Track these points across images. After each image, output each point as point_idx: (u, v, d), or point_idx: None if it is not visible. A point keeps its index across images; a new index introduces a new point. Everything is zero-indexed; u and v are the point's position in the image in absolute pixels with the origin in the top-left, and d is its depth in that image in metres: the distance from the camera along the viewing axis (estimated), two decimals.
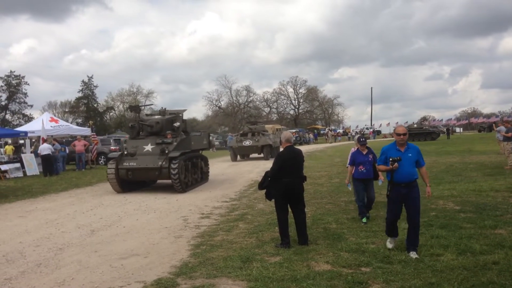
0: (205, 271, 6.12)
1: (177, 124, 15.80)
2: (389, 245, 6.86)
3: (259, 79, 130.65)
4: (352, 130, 73.88)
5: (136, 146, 14.93)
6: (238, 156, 30.41)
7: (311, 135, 61.38)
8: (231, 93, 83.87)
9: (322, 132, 73.66)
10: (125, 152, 15.03)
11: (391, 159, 6.42)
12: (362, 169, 9.00)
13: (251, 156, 31.79)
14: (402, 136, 6.54)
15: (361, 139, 9.30)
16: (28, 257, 7.27)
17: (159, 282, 5.79)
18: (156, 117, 16.33)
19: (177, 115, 16.53)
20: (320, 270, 5.94)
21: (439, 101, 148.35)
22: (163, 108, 16.99)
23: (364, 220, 8.77)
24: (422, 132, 50.09)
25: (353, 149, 9.41)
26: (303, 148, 33.98)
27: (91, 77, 70.50)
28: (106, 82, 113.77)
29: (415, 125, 55.76)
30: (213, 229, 8.88)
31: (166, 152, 14.45)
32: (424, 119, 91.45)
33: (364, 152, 9.11)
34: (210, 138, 40.32)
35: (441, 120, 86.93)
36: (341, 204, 10.94)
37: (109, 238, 8.48)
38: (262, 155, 29.86)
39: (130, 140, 15.67)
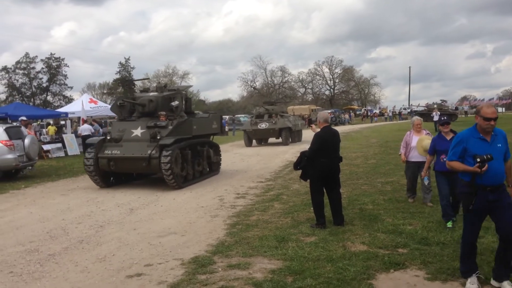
0: (241, 250, 6.19)
1: (175, 103, 12.54)
2: (472, 286, 4.68)
3: (295, 60, 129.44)
4: (389, 110, 72.50)
5: (123, 130, 12.08)
6: (254, 141, 26.80)
7: (346, 116, 60.65)
8: (266, 74, 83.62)
9: (358, 112, 72.66)
10: (108, 137, 12.13)
11: (478, 159, 4.50)
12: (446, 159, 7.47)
13: (269, 141, 27.93)
14: (492, 122, 4.60)
15: (443, 118, 7.60)
16: (71, 234, 7.53)
17: (196, 259, 5.89)
18: (151, 94, 13.09)
19: (177, 92, 13.44)
20: (356, 251, 5.92)
21: (480, 80, 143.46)
22: (161, 82, 13.90)
23: (449, 224, 6.88)
24: (443, 113, 48.87)
25: (408, 133, 8.75)
26: (339, 129, 33.60)
27: (128, 59, 71.46)
28: (143, 64, 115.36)
29: (435, 106, 54.04)
30: (249, 209, 8.95)
31: (158, 138, 11.50)
32: (465, 98, 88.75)
33: (449, 138, 7.20)
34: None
35: (483, 99, 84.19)
36: (378, 185, 10.82)
37: (147, 217, 8.68)
38: (280, 139, 25.91)
39: (116, 122, 12.99)
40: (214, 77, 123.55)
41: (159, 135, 11.53)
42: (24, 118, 18.91)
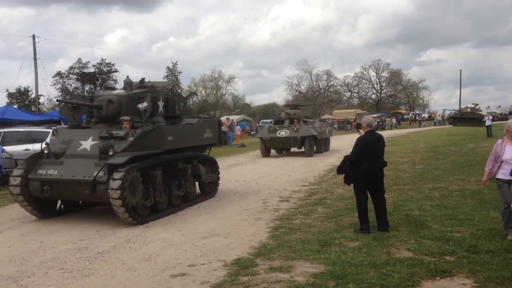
0: (283, 253, 6.20)
1: (142, 105, 9.19)
2: None
3: (341, 64, 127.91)
4: (439, 115, 70.53)
5: (69, 141, 8.87)
6: (272, 151, 22.37)
7: (393, 120, 59.45)
8: (311, 78, 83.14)
9: (405, 117, 71.09)
10: (46, 151, 8.75)
11: None
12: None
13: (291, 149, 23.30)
14: None
15: None
16: (119, 233, 7.76)
17: (238, 261, 5.95)
18: (114, 92, 9.83)
19: (149, 90, 9.80)
20: (401, 257, 5.81)
21: None
22: (129, 78, 10.10)
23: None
24: (475, 117, 47.10)
25: (500, 141, 6.72)
26: (385, 134, 33.07)
27: (175, 64, 72.90)
28: (191, 68, 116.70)
29: (468, 109, 51.98)
30: (292, 212, 8.94)
31: (111, 153, 8.30)
32: None
33: None
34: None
35: None
36: (425, 191, 10.55)
37: (191, 218, 8.83)
38: (303, 149, 21.63)
39: (63, 130, 9.70)
40: (260, 81, 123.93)
41: (112, 150, 8.31)
42: None
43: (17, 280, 5.60)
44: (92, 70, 67.31)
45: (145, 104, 9.23)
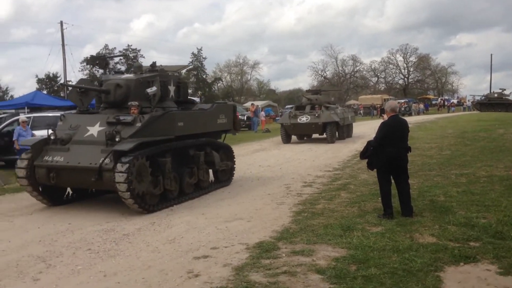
0: (306, 237, 6.22)
1: (151, 89, 8.90)
2: None
3: (368, 49, 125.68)
4: (468, 100, 69.00)
5: (76, 127, 8.69)
6: (293, 137, 22.09)
7: (421, 105, 58.41)
8: (337, 63, 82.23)
9: (434, 102, 69.77)
10: (52, 137, 8.59)
11: None
12: None
13: (313, 136, 22.98)
14: None
15: None
16: (144, 216, 7.90)
17: (260, 245, 6.00)
18: (123, 76, 9.57)
19: (159, 74, 9.53)
20: (424, 243, 5.76)
21: None
22: (139, 62, 9.41)
23: None
24: (503, 102, 45.71)
25: None
26: (412, 119, 32.57)
27: (200, 49, 73.00)
28: (216, 54, 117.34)
29: (495, 95, 50.41)
30: (315, 197, 8.94)
31: (117, 140, 8.05)
32: None
33: None
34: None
35: None
36: (451, 177, 10.38)
37: (215, 203, 8.92)
38: (324, 135, 21.35)
39: (71, 115, 9.47)
40: (285, 67, 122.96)
41: (118, 136, 8.06)
42: None
43: (46, 260, 5.78)
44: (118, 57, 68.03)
45: (154, 88, 8.93)
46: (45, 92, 47.37)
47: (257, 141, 23.04)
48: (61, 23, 40.24)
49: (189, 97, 11.22)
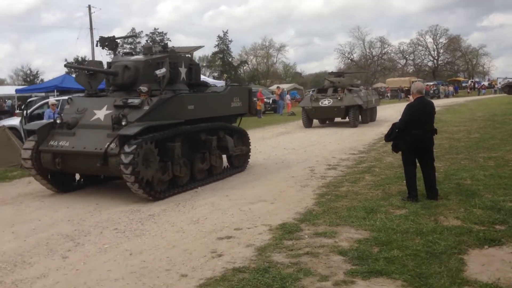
0: (328, 219, 6.24)
1: (160, 71, 8.47)
2: None
3: (397, 30, 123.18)
4: (499, 83, 67.16)
5: (83, 110, 8.41)
6: (315, 121, 21.36)
7: (450, 88, 57.18)
8: (364, 45, 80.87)
9: (464, 84, 68.16)
10: (58, 121, 8.33)
11: None
12: None
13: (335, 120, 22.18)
14: None
15: None
16: (169, 198, 8.03)
17: (283, 226, 6.04)
18: (132, 58, 9.19)
19: (169, 55, 9.11)
20: (449, 225, 5.71)
21: None
22: (149, 43, 8.20)
23: None
24: None
25: None
26: (440, 102, 31.92)
27: (226, 32, 72.84)
28: (242, 37, 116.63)
29: None
30: (339, 180, 8.92)
31: (124, 124, 7.73)
32: None
33: None
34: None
35: None
36: (479, 160, 10.19)
37: (239, 185, 8.99)
38: (347, 119, 20.50)
39: (78, 99, 9.17)
40: (312, 49, 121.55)
41: (125, 119, 7.74)
42: None
43: (75, 239, 5.96)
44: (144, 40, 68.37)
45: (163, 70, 8.48)
46: (73, 75, 48.18)
47: (282, 124, 23.03)
48: (89, 7, 40.79)
49: (202, 79, 11.00)
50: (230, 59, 72.75)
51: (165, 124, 8.21)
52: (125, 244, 5.67)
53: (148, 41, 66.46)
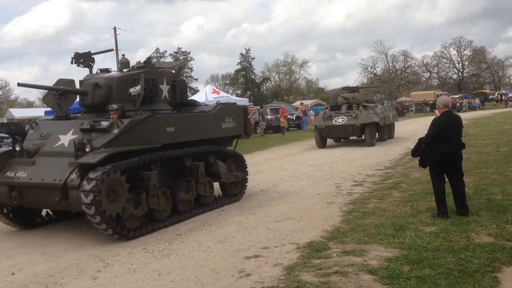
0: (357, 237, 6.17)
1: (134, 89, 7.56)
2: None
3: (420, 43, 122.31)
4: None
5: (47, 135, 7.44)
6: (328, 141, 20.00)
7: (476, 100, 56.23)
8: (387, 59, 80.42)
9: (490, 97, 66.98)
10: (17, 148, 7.35)
11: None
12: None
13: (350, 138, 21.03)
14: None
15: None
16: (196, 217, 8.06)
17: (311, 244, 6.00)
18: (106, 75, 8.13)
19: (146, 71, 8.08)
20: (481, 242, 5.58)
21: None
22: (125, 58, 9.08)
23: None
24: None
25: None
26: (466, 115, 31.42)
27: (249, 50, 73.49)
28: (264, 54, 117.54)
29: None
30: (366, 196, 8.83)
31: (88, 150, 6.68)
32: None
33: None
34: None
35: None
36: (510, 174, 9.96)
37: (265, 202, 8.98)
38: (364, 137, 19.15)
39: (44, 122, 8.15)
40: (334, 65, 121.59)
41: (89, 145, 6.70)
42: None
43: (104, 259, 6.02)
44: (169, 59, 69.19)
45: (137, 87, 7.51)
46: None
47: (306, 140, 22.98)
48: (115, 28, 41.84)
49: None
50: (252, 76, 73.22)
51: (138, 150, 7.15)
52: (154, 264, 5.71)
53: (172, 60, 67.10)
